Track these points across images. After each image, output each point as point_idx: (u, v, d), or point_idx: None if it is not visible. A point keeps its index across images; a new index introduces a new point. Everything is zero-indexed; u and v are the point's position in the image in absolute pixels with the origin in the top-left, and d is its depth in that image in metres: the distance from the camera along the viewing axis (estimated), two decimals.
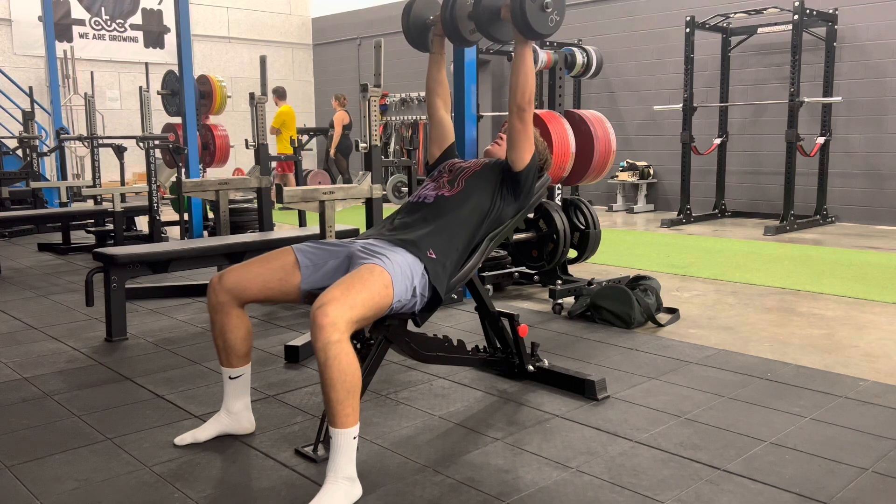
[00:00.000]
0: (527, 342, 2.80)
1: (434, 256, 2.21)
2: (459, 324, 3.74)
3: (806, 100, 7.21)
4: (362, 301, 1.93)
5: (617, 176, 9.17)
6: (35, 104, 9.82)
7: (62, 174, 8.75)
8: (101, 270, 3.51)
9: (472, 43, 2.66)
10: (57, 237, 6.77)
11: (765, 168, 8.39)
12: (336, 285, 1.94)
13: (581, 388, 2.67)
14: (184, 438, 2.28)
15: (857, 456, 2.15)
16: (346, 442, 1.87)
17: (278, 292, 2.20)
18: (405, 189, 9.68)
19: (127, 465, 2.15)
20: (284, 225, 7.74)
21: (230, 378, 2.27)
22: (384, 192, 4.12)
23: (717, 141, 8.33)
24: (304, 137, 8.57)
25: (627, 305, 3.61)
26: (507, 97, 2.47)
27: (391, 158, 10.66)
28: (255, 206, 6.12)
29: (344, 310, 1.86)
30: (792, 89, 7.10)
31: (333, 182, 10.60)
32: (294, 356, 3.12)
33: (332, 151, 10.56)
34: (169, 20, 12.52)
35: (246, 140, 6.43)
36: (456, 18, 2.53)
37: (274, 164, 7.62)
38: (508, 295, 4.45)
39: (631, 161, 9.26)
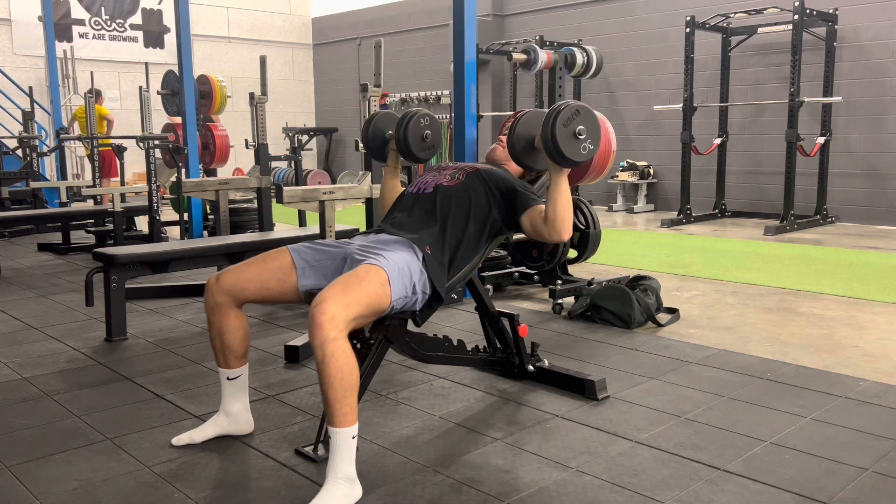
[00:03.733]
0: (527, 342, 2.80)
1: (431, 252, 2.21)
2: (459, 324, 3.73)
3: (806, 100, 7.21)
4: (358, 300, 1.93)
5: (617, 176, 9.17)
6: (35, 104, 9.83)
7: (62, 174, 8.75)
8: (101, 270, 3.51)
9: (425, 160, 2.77)
10: (57, 237, 6.77)
11: (765, 168, 8.39)
12: (333, 284, 1.95)
13: (581, 388, 2.67)
14: (181, 439, 2.28)
15: (857, 456, 2.15)
16: (344, 441, 1.87)
17: (276, 292, 2.20)
18: (401, 192, 9.65)
19: (127, 465, 2.15)
20: (284, 225, 7.74)
21: (228, 379, 2.27)
22: None
23: (717, 141, 8.33)
24: (304, 137, 8.56)
25: (627, 305, 3.61)
26: (543, 223, 2.31)
27: None
28: (255, 206, 6.12)
29: (341, 308, 1.87)
30: (792, 89, 7.10)
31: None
32: (294, 356, 3.12)
33: None
34: (169, 20, 12.52)
35: (246, 140, 6.43)
36: (409, 139, 2.64)
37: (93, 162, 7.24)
38: (508, 295, 4.45)
39: (631, 161, 9.26)
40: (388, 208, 2.71)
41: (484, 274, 4.30)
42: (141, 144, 5.79)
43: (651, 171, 9.26)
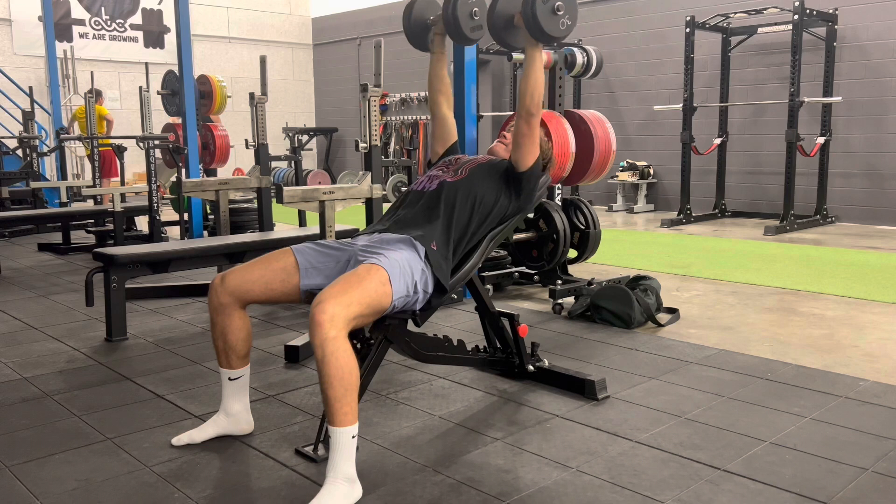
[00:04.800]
0: (527, 342, 2.80)
1: (436, 248, 2.22)
2: (459, 324, 3.73)
3: (806, 100, 7.21)
4: (359, 299, 1.94)
5: (617, 176, 9.17)
6: (35, 104, 9.82)
7: (62, 174, 8.74)
8: (101, 270, 3.51)
9: (474, 41, 2.68)
10: (57, 237, 6.77)
11: (765, 168, 8.39)
12: (334, 283, 1.95)
13: (581, 388, 2.67)
14: (181, 439, 2.28)
15: (857, 456, 2.15)
16: (344, 441, 1.87)
17: (280, 293, 2.20)
18: (405, 189, 9.67)
19: (127, 465, 2.15)
20: (284, 225, 7.74)
21: (230, 379, 2.27)
22: (384, 192, 4.12)
23: (717, 141, 8.32)
24: (304, 137, 8.54)
25: (627, 305, 3.61)
26: (517, 99, 2.48)
27: (391, 158, 10.66)
28: (255, 206, 6.12)
29: (341, 307, 1.87)
30: (792, 89, 7.10)
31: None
32: (294, 356, 3.12)
33: None
34: (169, 20, 12.51)
35: (246, 140, 6.43)
36: (458, 17, 2.56)
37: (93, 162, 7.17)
38: (508, 295, 4.45)
39: (631, 161, 9.25)
40: (436, 101, 2.77)
41: (484, 274, 4.30)
42: (141, 144, 5.79)
43: (651, 171, 9.26)
